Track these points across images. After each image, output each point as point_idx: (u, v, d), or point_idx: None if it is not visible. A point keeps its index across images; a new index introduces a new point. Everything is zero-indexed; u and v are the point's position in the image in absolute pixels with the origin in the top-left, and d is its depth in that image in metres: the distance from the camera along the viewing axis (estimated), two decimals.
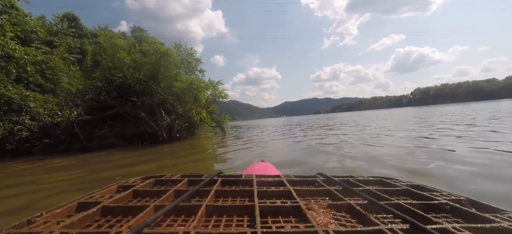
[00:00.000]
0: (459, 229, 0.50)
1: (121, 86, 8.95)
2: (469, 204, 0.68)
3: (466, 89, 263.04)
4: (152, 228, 0.50)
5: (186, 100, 9.73)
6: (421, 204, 0.67)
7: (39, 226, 0.52)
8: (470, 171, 2.79)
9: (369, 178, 0.97)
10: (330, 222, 0.55)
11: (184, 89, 9.22)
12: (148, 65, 8.78)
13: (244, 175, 0.99)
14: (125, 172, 4.39)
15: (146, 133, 9.52)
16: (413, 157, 3.79)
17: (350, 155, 4.38)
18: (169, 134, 10.02)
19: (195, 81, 8.82)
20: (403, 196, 0.80)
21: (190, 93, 9.39)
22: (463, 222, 0.57)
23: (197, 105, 9.85)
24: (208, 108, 11.38)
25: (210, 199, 0.70)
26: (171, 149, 7.86)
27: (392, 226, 0.50)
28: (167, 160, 5.87)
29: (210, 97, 11.76)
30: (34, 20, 11.76)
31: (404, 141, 5.62)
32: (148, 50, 8.97)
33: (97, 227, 0.55)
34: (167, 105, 10.26)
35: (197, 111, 9.89)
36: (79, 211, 0.62)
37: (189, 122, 10.71)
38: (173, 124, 10.08)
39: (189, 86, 9.03)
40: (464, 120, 9.95)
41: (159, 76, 9.22)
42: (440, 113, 18.30)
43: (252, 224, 0.55)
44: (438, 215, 0.62)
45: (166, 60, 8.78)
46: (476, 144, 4.36)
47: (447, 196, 0.75)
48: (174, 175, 1.02)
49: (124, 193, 0.75)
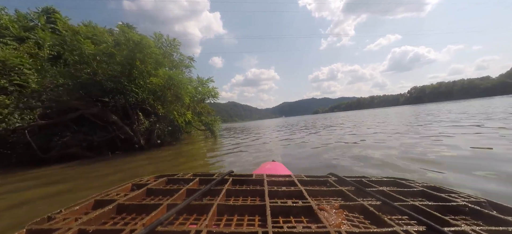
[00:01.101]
0: (479, 232, 0.47)
1: (88, 84, 7.36)
2: (490, 206, 0.64)
3: (462, 87, 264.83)
4: (165, 226, 0.51)
5: (169, 100, 8.19)
6: (438, 206, 0.64)
7: (58, 222, 0.54)
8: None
9: (383, 178, 0.95)
10: (342, 223, 0.54)
11: (163, 87, 7.66)
12: (119, 58, 7.20)
13: (255, 174, 0.99)
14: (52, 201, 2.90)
15: (118, 139, 7.94)
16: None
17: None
18: (148, 140, 8.45)
19: (174, 76, 7.24)
20: (419, 197, 0.77)
21: (170, 91, 7.83)
22: (484, 225, 0.55)
23: (181, 105, 8.29)
24: (197, 109, 9.83)
25: (222, 198, 0.70)
26: (148, 158, 6.44)
27: (407, 228, 0.49)
28: (130, 172, 4.41)
29: (199, 96, 10.23)
30: (8, 15, 10.36)
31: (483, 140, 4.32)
32: (118, 40, 7.40)
33: (113, 224, 0.57)
34: (146, 106, 8.70)
35: (181, 112, 8.32)
36: (95, 209, 0.65)
37: (173, 126, 9.17)
38: (153, 128, 8.52)
39: (167, 82, 7.45)
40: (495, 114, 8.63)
41: (134, 71, 7.65)
42: (457, 109, 17.02)
43: (263, 224, 0.55)
44: (456, 218, 0.60)
45: (141, 51, 7.23)
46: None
47: (466, 198, 0.72)
48: (186, 173, 1.03)
49: (138, 191, 0.76)
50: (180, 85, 7.67)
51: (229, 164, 4.64)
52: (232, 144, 8.49)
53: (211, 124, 10.30)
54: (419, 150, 4.06)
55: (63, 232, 0.48)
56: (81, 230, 0.48)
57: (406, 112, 21.87)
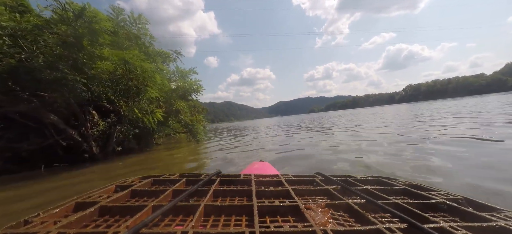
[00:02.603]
0: (456, 228, 0.50)
1: (16, 71, 5.31)
2: (466, 203, 0.68)
3: (456, 84, 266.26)
4: (150, 228, 0.50)
5: (133, 93, 6.22)
6: (418, 203, 0.67)
7: (36, 226, 0.52)
8: None
9: (367, 177, 0.97)
10: (328, 221, 0.56)
11: (121, 76, 5.66)
12: (52, 38, 5.18)
13: (243, 174, 0.99)
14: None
15: (60, 147, 5.92)
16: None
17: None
18: (104, 147, 6.46)
19: (130, 59, 5.25)
20: (401, 195, 0.80)
21: (132, 82, 5.84)
22: (461, 221, 0.57)
23: (146, 101, 6.30)
24: (173, 107, 7.85)
25: (209, 199, 0.70)
26: (97, 172, 4.74)
27: (390, 226, 0.51)
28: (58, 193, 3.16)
29: (177, 91, 8.25)
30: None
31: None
32: (56, 12, 5.38)
33: (94, 227, 0.55)
34: (103, 103, 6.69)
35: (147, 110, 6.32)
36: (76, 211, 0.62)
37: (142, 128, 7.17)
38: (112, 132, 6.52)
39: (124, 69, 5.44)
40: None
41: (81, 54, 5.63)
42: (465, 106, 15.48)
43: (251, 224, 0.55)
44: (436, 214, 0.63)
45: (87, 26, 5.22)
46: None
47: (445, 195, 0.75)
48: (173, 174, 1.01)
49: (122, 193, 0.75)
50: (145, 73, 5.69)
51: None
52: (218, 148, 6.63)
53: (191, 124, 8.30)
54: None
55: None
56: (60, 233, 0.47)
57: (417, 111, 20.30)
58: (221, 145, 8.16)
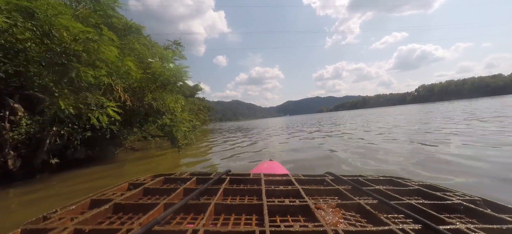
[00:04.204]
0: (473, 230, 0.48)
1: None
2: (484, 204, 0.65)
3: (472, 85, 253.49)
4: (162, 225, 0.50)
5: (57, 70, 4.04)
6: (433, 204, 0.65)
7: (54, 222, 0.53)
8: None
9: (379, 177, 0.94)
10: (339, 221, 0.55)
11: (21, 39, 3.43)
12: None
13: (252, 173, 0.97)
14: None
15: None
16: None
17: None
18: (31, 158, 4.30)
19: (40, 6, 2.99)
20: (415, 196, 0.78)
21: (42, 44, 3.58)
22: (478, 223, 0.54)
23: (83, 86, 4.06)
24: (144, 99, 5.60)
25: (219, 198, 0.69)
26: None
27: (403, 226, 0.49)
28: None
29: (157, 77, 5.98)
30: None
31: None
32: None
33: (109, 224, 0.56)
34: (34, 92, 4.52)
35: (91, 103, 4.08)
36: (92, 208, 0.64)
37: (96, 130, 4.97)
38: (45, 136, 4.36)
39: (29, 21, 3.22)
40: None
41: None
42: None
43: (261, 223, 0.54)
44: (452, 216, 0.60)
45: None
46: None
47: (461, 196, 0.72)
48: (183, 173, 1.00)
49: (135, 191, 0.75)
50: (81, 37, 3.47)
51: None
52: (201, 160, 4.45)
53: (171, 126, 5.99)
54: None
55: (58, 231, 0.46)
56: (77, 229, 0.47)
57: (433, 111, 17.50)
58: (217, 152, 5.91)
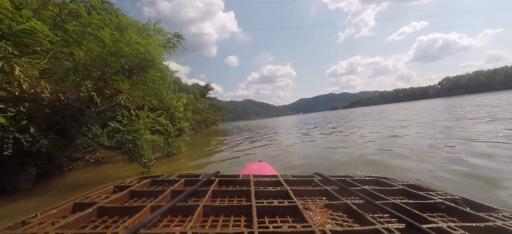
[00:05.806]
0: (454, 228, 0.50)
1: None
2: (464, 203, 0.68)
3: (505, 75, 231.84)
4: (149, 228, 0.50)
5: None
6: (416, 204, 0.67)
7: (33, 227, 0.52)
8: None
9: (366, 177, 0.96)
10: (327, 221, 0.56)
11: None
12: None
13: (241, 175, 0.98)
14: None
15: None
16: None
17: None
18: None
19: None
20: (399, 195, 0.80)
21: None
22: (458, 221, 0.57)
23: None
24: (81, 89, 4.13)
25: (207, 199, 0.69)
26: None
27: (388, 226, 0.51)
28: None
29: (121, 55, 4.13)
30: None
31: None
32: None
33: (93, 228, 0.54)
34: None
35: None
36: (74, 212, 0.62)
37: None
38: None
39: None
40: None
41: None
42: None
43: (249, 224, 0.54)
44: (434, 215, 0.63)
45: None
46: None
47: (443, 196, 0.75)
48: (171, 175, 1.00)
49: (121, 194, 0.74)
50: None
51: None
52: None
53: (125, 134, 4.24)
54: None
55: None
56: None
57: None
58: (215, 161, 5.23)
